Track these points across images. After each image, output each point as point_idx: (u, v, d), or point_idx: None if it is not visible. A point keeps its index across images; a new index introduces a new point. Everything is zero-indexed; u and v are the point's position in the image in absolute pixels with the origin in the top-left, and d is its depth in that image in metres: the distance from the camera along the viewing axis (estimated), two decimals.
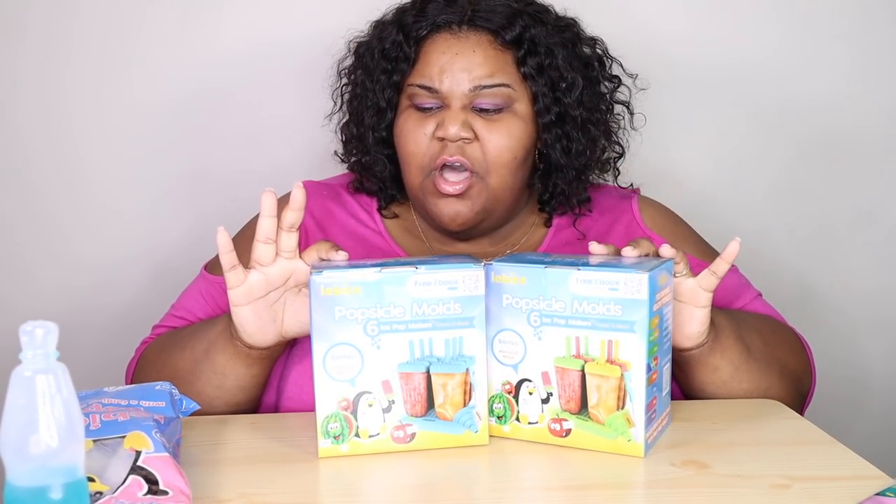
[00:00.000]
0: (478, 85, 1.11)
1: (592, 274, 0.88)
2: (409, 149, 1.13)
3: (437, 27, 1.14)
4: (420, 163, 1.12)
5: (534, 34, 1.13)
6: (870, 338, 1.61)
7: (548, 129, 1.15)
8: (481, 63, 1.11)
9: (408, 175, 1.15)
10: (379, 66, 1.16)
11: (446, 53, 1.12)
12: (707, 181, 1.54)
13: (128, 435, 0.79)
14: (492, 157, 1.11)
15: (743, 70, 1.52)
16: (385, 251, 1.19)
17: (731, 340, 1.03)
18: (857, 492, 0.80)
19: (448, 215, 1.13)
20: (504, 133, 1.11)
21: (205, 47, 1.47)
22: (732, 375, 1.04)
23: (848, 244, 1.58)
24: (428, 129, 1.12)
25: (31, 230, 1.49)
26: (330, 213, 1.21)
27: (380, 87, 1.16)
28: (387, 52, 1.15)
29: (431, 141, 1.11)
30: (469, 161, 1.11)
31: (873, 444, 1.07)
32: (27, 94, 1.45)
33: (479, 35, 1.13)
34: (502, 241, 1.22)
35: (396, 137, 1.15)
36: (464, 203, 1.12)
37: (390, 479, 0.88)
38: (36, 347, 0.63)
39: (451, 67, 1.11)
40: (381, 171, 1.19)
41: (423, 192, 1.14)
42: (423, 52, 1.14)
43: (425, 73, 1.12)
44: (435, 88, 1.11)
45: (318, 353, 0.88)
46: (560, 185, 1.19)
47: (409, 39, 1.14)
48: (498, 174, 1.12)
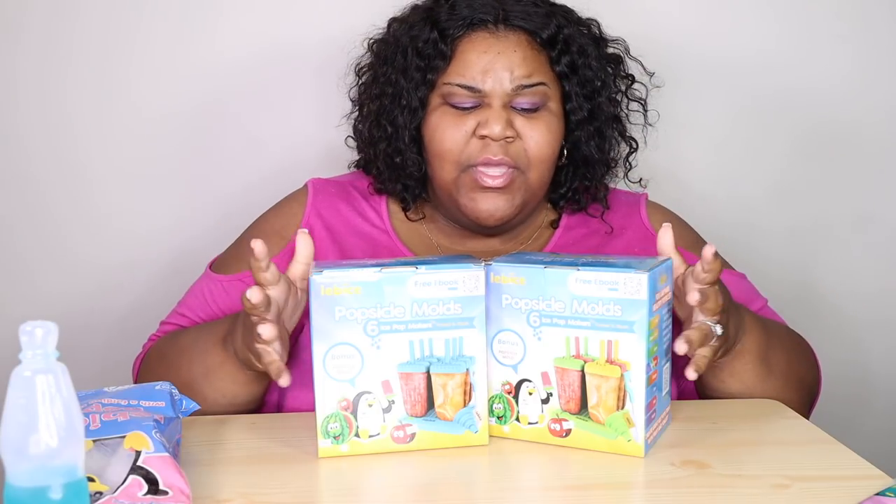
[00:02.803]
0: (520, 84, 1.12)
1: (592, 274, 0.88)
2: (446, 146, 1.12)
3: (473, 25, 1.14)
4: (457, 159, 1.12)
5: (567, 34, 1.15)
6: (870, 337, 1.61)
7: (580, 126, 1.17)
8: (521, 63, 1.12)
9: (440, 171, 1.14)
10: (412, 63, 1.15)
11: (488, 53, 1.12)
12: (708, 180, 1.54)
13: (128, 435, 0.79)
14: (533, 154, 1.12)
15: (743, 69, 1.52)
16: (392, 250, 1.19)
17: (753, 352, 1.04)
18: (857, 492, 0.80)
19: (487, 210, 1.13)
20: (544, 130, 1.13)
21: (205, 48, 1.46)
22: (753, 386, 1.05)
23: (848, 244, 1.58)
24: (468, 126, 1.12)
25: (31, 232, 1.48)
26: (337, 211, 1.21)
27: (413, 86, 1.15)
28: (421, 50, 1.14)
29: (471, 139, 1.12)
30: (512, 159, 1.11)
31: (873, 444, 1.06)
32: (27, 95, 1.45)
33: (517, 35, 1.14)
34: (513, 239, 1.23)
35: (430, 134, 1.14)
36: (505, 198, 1.12)
37: (390, 479, 0.88)
38: (36, 347, 0.63)
39: (494, 67, 1.11)
40: (415, 170, 1.18)
41: (457, 187, 1.13)
42: (459, 50, 1.13)
43: (465, 72, 1.12)
44: (477, 88, 1.12)
45: (318, 353, 0.88)
46: (588, 179, 1.21)
47: (445, 38, 1.13)
48: (538, 170, 1.14)
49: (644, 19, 1.49)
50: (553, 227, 1.24)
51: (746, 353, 1.03)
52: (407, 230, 1.22)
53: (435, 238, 1.22)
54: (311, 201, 1.21)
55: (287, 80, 1.47)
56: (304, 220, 1.19)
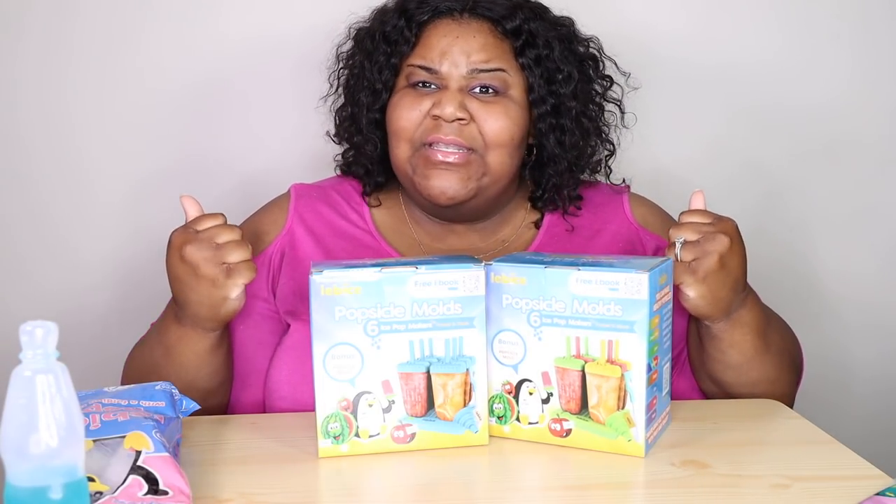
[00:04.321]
0: (475, 68, 1.13)
1: (592, 274, 0.88)
2: (401, 124, 1.14)
3: (440, 13, 1.16)
4: (410, 137, 1.14)
5: (533, 27, 1.17)
6: (870, 337, 1.61)
7: (542, 118, 1.18)
8: (480, 48, 1.14)
9: (396, 150, 1.15)
10: (379, 48, 1.18)
11: (447, 37, 1.14)
12: (707, 181, 1.54)
13: (128, 435, 0.79)
14: (490, 138, 1.13)
15: (742, 69, 1.52)
16: (375, 250, 1.20)
17: (752, 325, 1.05)
18: (857, 492, 0.80)
19: (439, 187, 1.12)
20: (501, 114, 1.13)
21: (204, 48, 1.46)
22: (752, 358, 1.06)
23: (847, 245, 1.58)
24: (423, 106, 1.13)
25: (31, 230, 1.48)
26: (319, 215, 1.22)
27: (377, 68, 1.18)
28: (388, 35, 1.17)
29: (425, 118, 1.13)
30: (465, 141, 1.12)
31: (874, 444, 1.06)
32: (27, 94, 1.45)
33: (480, 23, 1.16)
34: (491, 236, 1.23)
35: (389, 114, 1.16)
36: (457, 176, 1.12)
37: (390, 479, 0.88)
38: (36, 347, 0.63)
39: (451, 50, 1.13)
40: (372, 150, 1.20)
41: (411, 167, 1.14)
42: (424, 35, 1.16)
43: (426, 54, 1.15)
44: (434, 69, 1.14)
45: (318, 353, 0.88)
46: (553, 177, 1.21)
47: (410, 23, 1.16)
48: (496, 153, 1.14)
49: (645, 22, 1.49)
50: (536, 227, 1.24)
51: (745, 325, 1.04)
52: (390, 231, 1.23)
53: (417, 236, 1.23)
54: (294, 206, 1.22)
55: (286, 77, 1.47)
56: (287, 225, 1.20)
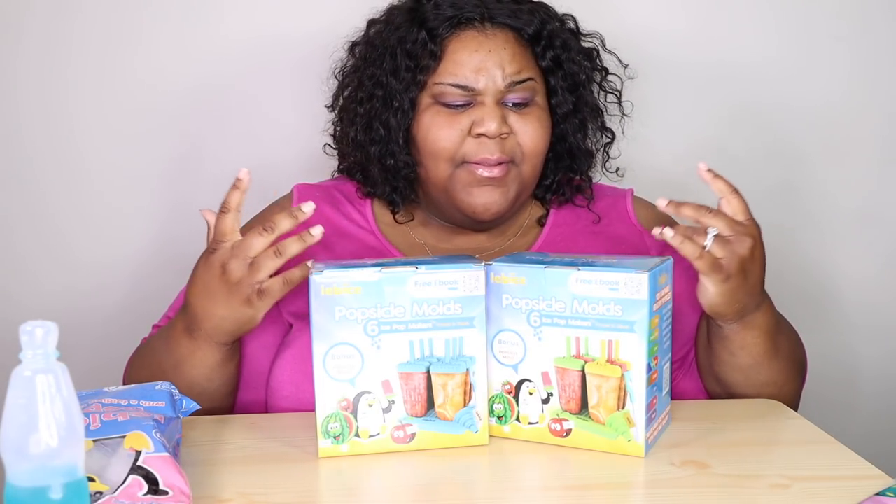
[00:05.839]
0: (511, 81, 1.13)
1: (592, 274, 0.88)
2: (441, 144, 1.12)
3: (460, 24, 1.14)
4: (451, 157, 1.13)
5: (550, 29, 1.17)
6: (870, 337, 1.61)
7: (566, 118, 1.19)
8: (511, 60, 1.13)
9: (434, 170, 1.14)
10: (402, 64, 1.14)
11: (479, 51, 1.13)
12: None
13: (128, 435, 0.79)
14: (528, 149, 1.14)
15: (742, 69, 1.52)
16: (379, 250, 1.19)
17: (764, 328, 1.05)
18: (857, 492, 0.80)
19: (483, 204, 1.13)
20: (536, 125, 1.14)
21: (204, 49, 1.46)
22: (761, 361, 1.06)
23: (848, 245, 1.58)
24: (462, 125, 1.12)
25: (31, 230, 1.49)
26: (323, 216, 1.21)
27: (404, 87, 1.14)
28: (410, 50, 1.14)
29: (466, 137, 1.12)
30: (507, 155, 1.13)
31: (874, 444, 1.06)
32: (27, 94, 1.45)
33: (504, 32, 1.15)
34: (499, 235, 1.23)
35: (423, 134, 1.14)
36: (500, 190, 1.13)
37: (390, 479, 0.88)
38: (36, 347, 0.63)
39: (486, 65, 1.12)
40: (409, 172, 1.17)
41: (452, 184, 1.14)
42: (449, 50, 1.14)
43: (458, 72, 1.12)
44: (470, 87, 1.12)
45: (318, 354, 0.88)
46: (577, 171, 1.24)
47: (433, 37, 1.13)
48: (531, 163, 1.15)
49: (644, 22, 1.49)
50: (540, 224, 1.24)
51: (757, 328, 1.04)
52: (393, 231, 1.22)
53: (421, 237, 1.23)
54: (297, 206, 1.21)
55: (286, 79, 1.47)
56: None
